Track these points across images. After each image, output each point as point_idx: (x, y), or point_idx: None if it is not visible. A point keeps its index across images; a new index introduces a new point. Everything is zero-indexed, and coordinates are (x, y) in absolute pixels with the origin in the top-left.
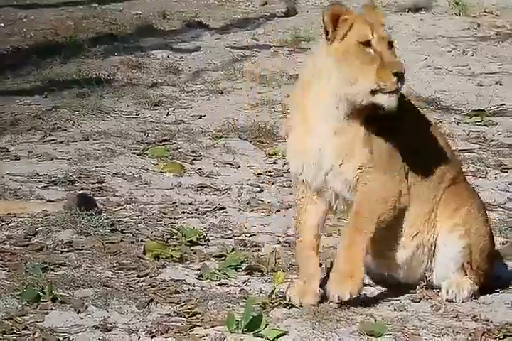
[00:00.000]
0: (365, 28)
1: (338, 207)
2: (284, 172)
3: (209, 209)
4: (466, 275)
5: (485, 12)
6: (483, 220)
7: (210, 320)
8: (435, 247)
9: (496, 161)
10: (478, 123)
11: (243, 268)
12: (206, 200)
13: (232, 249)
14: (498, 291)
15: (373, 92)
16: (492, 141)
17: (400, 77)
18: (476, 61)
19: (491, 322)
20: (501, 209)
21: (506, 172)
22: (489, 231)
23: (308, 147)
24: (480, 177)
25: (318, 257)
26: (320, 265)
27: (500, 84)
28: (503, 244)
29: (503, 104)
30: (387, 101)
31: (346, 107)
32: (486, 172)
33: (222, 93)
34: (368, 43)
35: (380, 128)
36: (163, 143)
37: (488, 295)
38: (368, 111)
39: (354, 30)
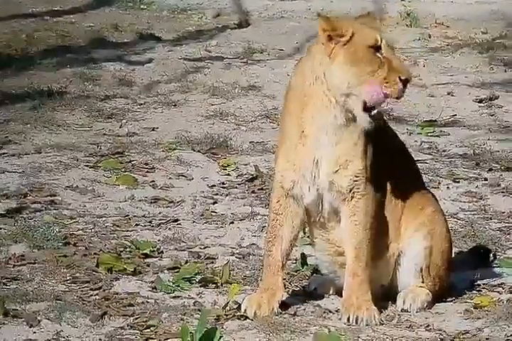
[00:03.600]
0: (373, 33)
1: (319, 219)
2: (238, 184)
3: (163, 221)
4: (423, 282)
5: (436, 23)
6: (446, 224)
7: (164, 333)
8: (401, 252)
9: (448, 171)
10: (430, 134)
11: (197, 280)
12: (160, 213)
13: (186, 261)
14: (452, 301)
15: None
16: (444, 151)
17: (405, 84)
18: (427, 72)
19: (444, 331)
20: (454, 220)
21: (458, 182)
22: (450, 237)
23: (304, 159)
24: (432, 187)
25: (283, 274)
26: (284, 286)
27: (452, 95)
28: (456, 254)
29: (455, 115)
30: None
31: (346, 114)
32: (439, 183)
33: (175, 105)
34: (377, 48)
35: (371, 140)
36: (116, 155)
37: (441, 304)
38: None
39: (361, 35)
